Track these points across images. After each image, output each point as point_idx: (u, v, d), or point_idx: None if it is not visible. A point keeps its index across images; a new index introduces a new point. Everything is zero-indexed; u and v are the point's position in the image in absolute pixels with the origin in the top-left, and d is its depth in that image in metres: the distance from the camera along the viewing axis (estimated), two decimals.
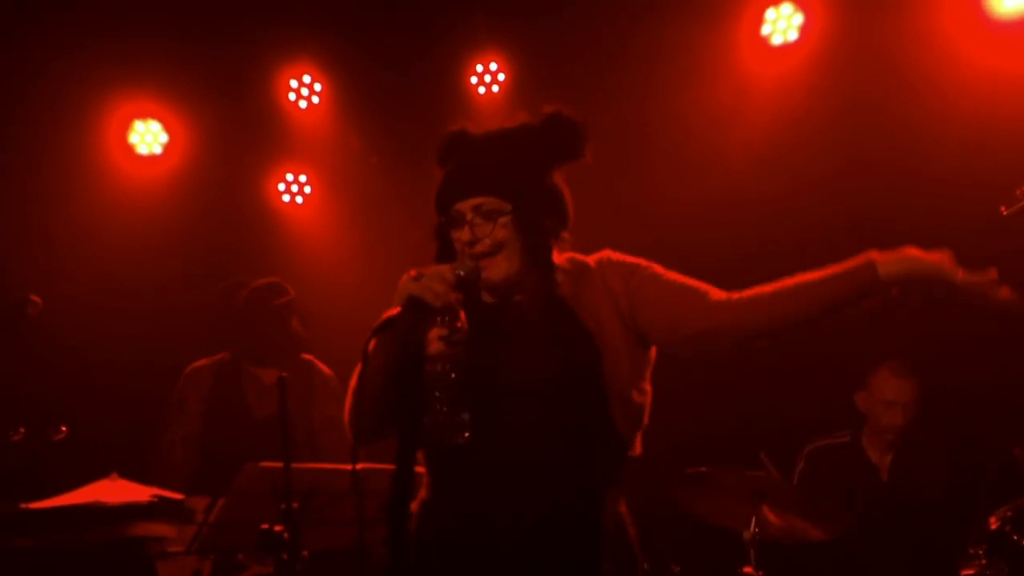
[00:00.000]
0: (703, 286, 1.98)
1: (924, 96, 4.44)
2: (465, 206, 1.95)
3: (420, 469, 1.99)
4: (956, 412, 4.20)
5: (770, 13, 4.75)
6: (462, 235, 1.95)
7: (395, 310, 1.82)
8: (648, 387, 2.01)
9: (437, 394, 1.81)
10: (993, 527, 3.23)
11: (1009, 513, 3.25)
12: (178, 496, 3.17)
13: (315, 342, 3.99)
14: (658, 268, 2.02)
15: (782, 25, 4.74)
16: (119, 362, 4.75)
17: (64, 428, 3.13)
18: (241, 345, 3.80)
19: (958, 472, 3.84)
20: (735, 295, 1.94)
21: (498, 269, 1.95)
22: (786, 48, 4.76)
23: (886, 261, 1.87)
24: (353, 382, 1.94)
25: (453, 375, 1.81)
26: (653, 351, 2.03)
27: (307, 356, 3.87)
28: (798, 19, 4.73)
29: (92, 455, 3.59)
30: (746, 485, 3.25)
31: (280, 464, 2.71)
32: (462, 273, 1.89)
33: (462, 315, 1.86)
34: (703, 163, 4.77)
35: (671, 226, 4.52)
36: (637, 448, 2.01)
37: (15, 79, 4.86)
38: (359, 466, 2.04)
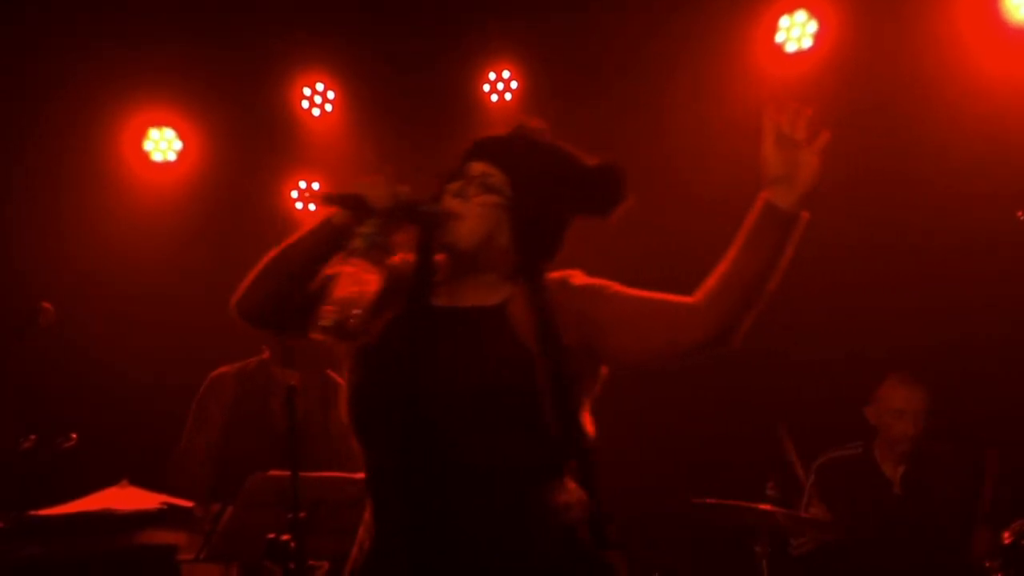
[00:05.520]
0: (667, 297, 1.81)
1: (938, 102, 4.41)
2: (475, 168, 1.83)
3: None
4: (967, 423, 4.15)
5: (784, 20, 4.74)
6: (453, 186, 1.83)
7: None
8: (588, 415, 1.82)
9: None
10: (1007, 541, 3.18)
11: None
12: (188, 504, 3.18)
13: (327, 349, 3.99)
14: (619, 287, 1.85)
15: (796, 32, 4.74)
16: (130, 369, 4.76)
17: (74, 436, 3.14)
18: (275, 350, 3.80)
19: (972, 485, 3.78)
20: (694, 299, 1.77)
21: (463, 235, 1.80)
22: (800, 55, 4.75)
23: (775, 191, 1.80)
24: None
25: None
26: (603, 372, 1.86)
27: None
28: (812, 26, 4.71)
29: (103, 462, 3.61)
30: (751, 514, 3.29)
31: (287, 473, 2.71)
32: (424, 207, 1.77)
33: (396, 231, 1.74)
34: (717, 170, 4.74)
35: (684, 231, 4.50)
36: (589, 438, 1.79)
37: (32, 87, 4.90)
38: (360, 476, 2.02)
